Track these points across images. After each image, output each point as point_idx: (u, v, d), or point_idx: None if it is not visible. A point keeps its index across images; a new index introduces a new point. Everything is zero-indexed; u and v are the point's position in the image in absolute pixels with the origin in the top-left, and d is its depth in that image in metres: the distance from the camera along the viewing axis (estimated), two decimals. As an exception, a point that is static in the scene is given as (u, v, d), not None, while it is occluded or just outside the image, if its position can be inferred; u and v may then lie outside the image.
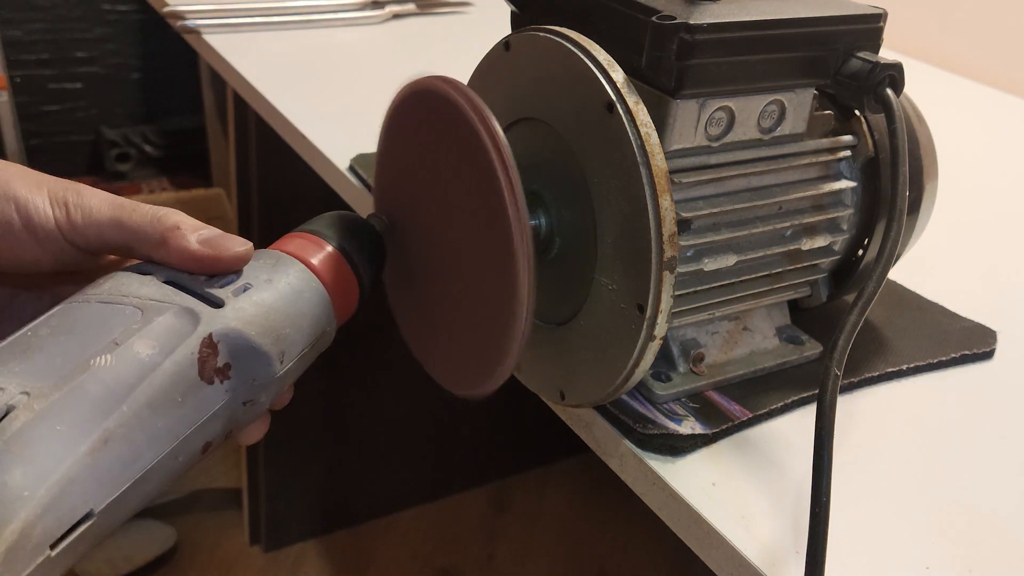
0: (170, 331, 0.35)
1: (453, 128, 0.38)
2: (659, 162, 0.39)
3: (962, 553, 0.41)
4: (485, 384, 0.40)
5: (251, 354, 0.36)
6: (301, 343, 0.38)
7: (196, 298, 0.36)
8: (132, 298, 0.36)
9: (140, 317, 0.35)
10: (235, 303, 0.36)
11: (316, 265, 0.40)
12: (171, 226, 0.37)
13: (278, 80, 0.87)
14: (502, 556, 1.51)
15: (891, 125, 0.44)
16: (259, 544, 1.46)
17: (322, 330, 0.40)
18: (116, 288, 0.36)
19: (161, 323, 0.35)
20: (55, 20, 1.80)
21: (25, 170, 0.39)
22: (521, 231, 0.36)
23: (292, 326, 0.37)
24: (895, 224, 0.43)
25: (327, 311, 0.40)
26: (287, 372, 0.38)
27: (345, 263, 0.41)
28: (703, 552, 0.41)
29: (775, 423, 0.47)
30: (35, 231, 0.38)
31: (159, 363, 0.34)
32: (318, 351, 0.40)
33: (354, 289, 0.42)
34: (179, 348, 0.34)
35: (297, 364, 0.39)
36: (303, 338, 0.38)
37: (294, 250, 0.40)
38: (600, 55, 0.41)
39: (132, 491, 0.33)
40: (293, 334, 0.37)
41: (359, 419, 1.42)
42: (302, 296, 0.38)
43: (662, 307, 0.40)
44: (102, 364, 0.33)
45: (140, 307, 0.35)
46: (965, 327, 0.56)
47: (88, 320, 0.35)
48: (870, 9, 0.46)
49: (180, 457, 0.35)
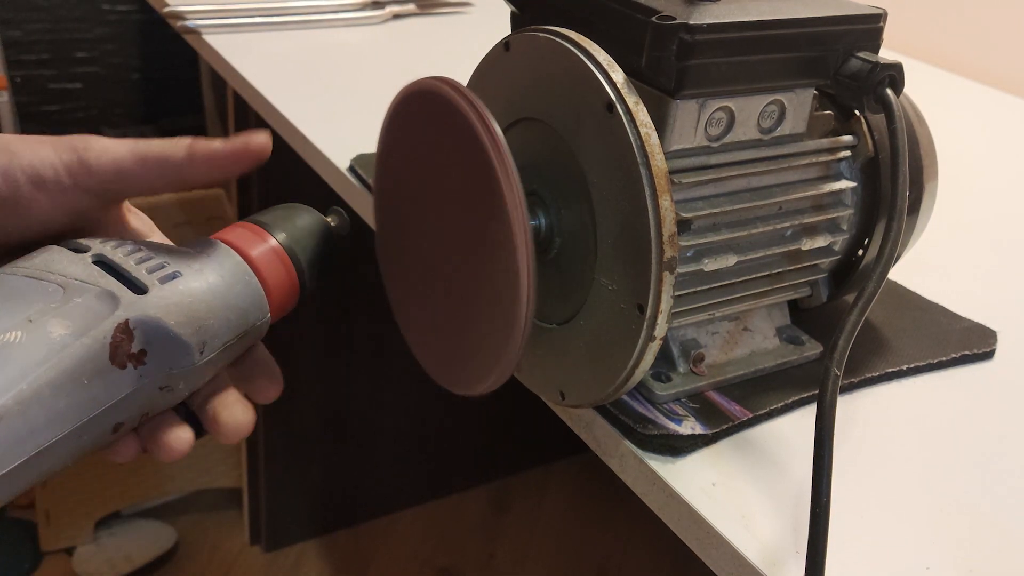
0: (86, 313, 0.35)
1: (453, 129, 0.38)
2: (659, 162, 0.39)
3: (962, 553, 0.41)
4: (485, 384, 0.40)
5: (169, 343, 0.36)
6: (225, 335, 0.38)
7: (121, 281, 0.36)
8: (58, 275, 0.36)
9: (60, 296, 0.35)
10: (159, 290, 0.36)
11: (254, 257, 0.40)
12: (191, 142, 0.38)
13: (278, 80, 0.87)
14: (502, 556, 1.51)
15: (891, 125, 0.44)
16: (259, 544, 1.46)
17: (252, 323, 0.40)
18: (45, 264, 0.36)
19: (79, 304, 0.35)
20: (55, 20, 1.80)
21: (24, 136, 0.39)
22: (521, 231, 0.36)
23: (217, 317, 0.37)
24: (895, 224, 0.43)
25: (259, 305, 0.40)
26: (208, 362, 0.38)
27: (287, 258, 0.41)
28: (703, 552, 0.41)
29: (775, 423, 0.47)
30: (44, 184, 0.37)
31: (68, 344, 0.34)
32: (247, 343, 0.40)
33: (294, 285, 0.42)
34: (92, 331, 0.35)
35: (221, 355, 0.38)
36: (228, 330, 0.38)
37: (234, 240, 0.40)
38: (600, 55, 0.41)
39: (25, 467, 0.33)
40: (217, 325, 0.37)
41: (359, 419, 1.42)
42: (232, 289, 0.38)
43: (662, 307, 0.40)
44: (10, 340, 0.33)
45: (63, 285, 0.35)
46: (965, 327, 0.56)
47: (9, 293, 0.35)
48: (870, 9, 0.46)
49: (85, 436, 0.35)
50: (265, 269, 0.40)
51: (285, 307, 0.42)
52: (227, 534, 1.48)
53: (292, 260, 0.41)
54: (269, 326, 0.41)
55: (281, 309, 0.42)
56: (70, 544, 1.40)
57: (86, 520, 1.41)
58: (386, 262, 0.47)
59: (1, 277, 0.36)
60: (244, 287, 0.39)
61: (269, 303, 0.40)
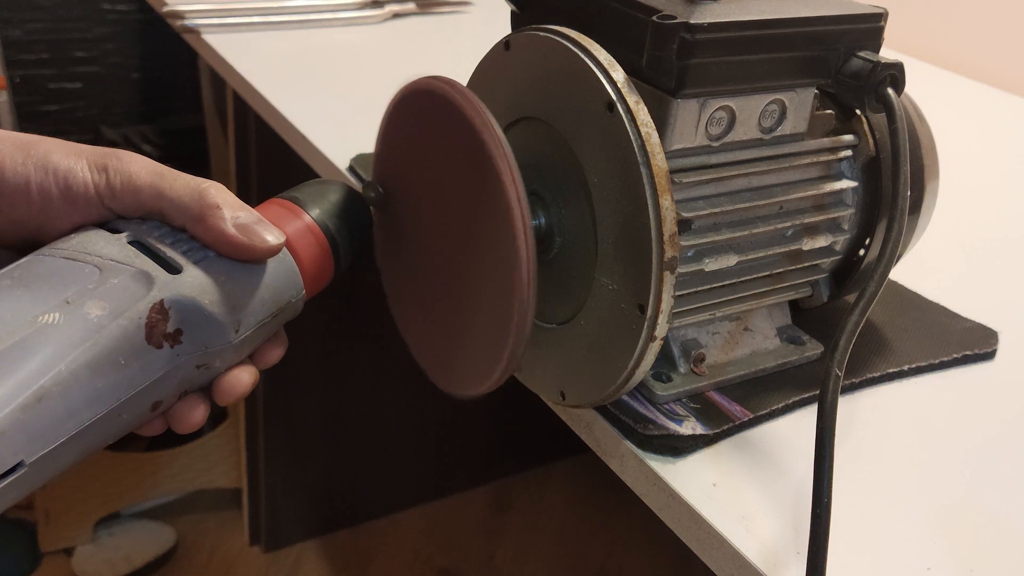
0: (122, 294, 0.35)
1: (453, 128, 0.38)
2: (659, 162, 0.39)
3: (963, 553, 0.41)
4: (485, 384, 0.40)
5: (204, 321, 0.36)
6: (261, 313, 0.38)
7: (156, 262, 0.36)
8: (95, 256, 0.36)
9: (97, 277, 0.35)
10: (193, 270, 0.37)
11: (288, 234, 0.40)
12: (212, 204, 0.37)
13: (278, 80, 0.87)
14: (502, 556, 1.51)
15: (892, 125, 0.44)
16: (259, 544, 1.46)
17: (287, 301, 0.40)
18: (82, 245, 0.37)
19: (115, 285, 0.35)
20: (55, 20, 1.80)
21: (63, 142, 0.40)
22: (522, 231, 0.36)
23: (251, 295, 0.38)
24: (896, 224, 0.43)
25: (293, 282, 0.40)
26: (244, 340, 0.38)
27: (321, 234, 0.41)
28: (703, 553, 0.41)
29: (776, 424, 0.47)
30: (75, 199, 0.38)
31: (105, 325, 0.34)
32: (282, 320, 0.40)
33: (329, 262, 0.42)
34: (127, 312, 0.35)
35: (256, 332, 0.39)
36: (263, 308, 0.38)
37: (268, 216, 0.40)
38: (600, 55, 0.41)
39: (68, 446, 0.34)
40: (252, 303, 0.38)
41: (359, 419, 1.42)
42: (265, 266, 0.38)
43: (663, 307, 0.40)
44: (49, 322, 0.34)
45: (100, 267, 0.36)
46: (966, 327, 0.56)
47: (47, 275, 0.35)
48: (871, 9, 0.46)
49: (124, 415, 0.35)
50: (299, 246, 0.40)
51: (320, 283, 0.42)
52: (227, 534, 1.47)
53: (327, 236, 0.41)
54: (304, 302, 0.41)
55: (316, 285, 0.42)
56: (69, 544, 1.40)
57: (85, 520, 1.40)
58: (386, 262, 0.47)
59: (39, 259, 0.36)
60: (278, 264, 0.39)
61: (304, 280, 0.40)
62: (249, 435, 1.34)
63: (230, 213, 0.37)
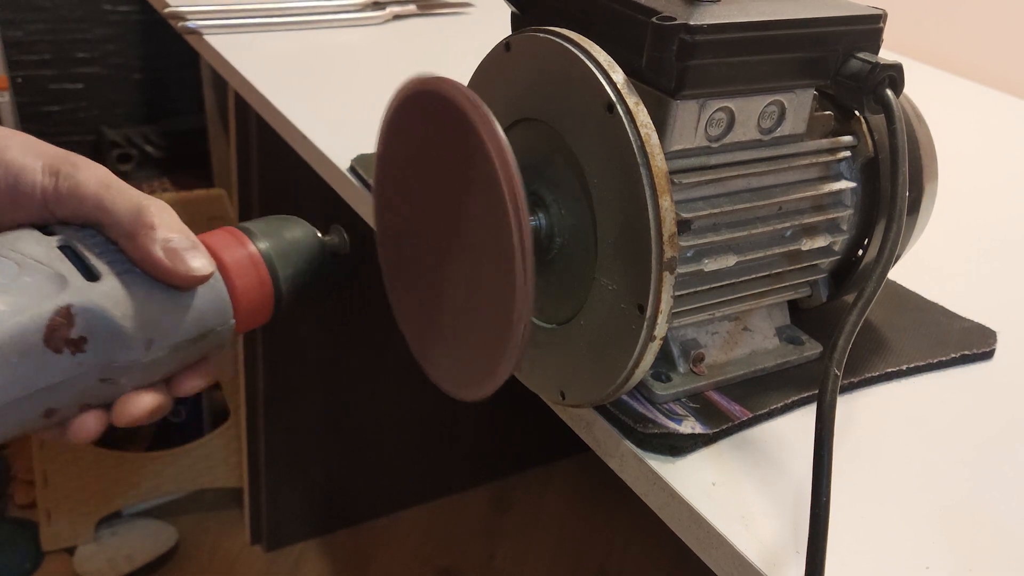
0: (31, 292, 0.34)
1: (453, 129, 0.38)
2: (659, 163, 0.39)
3: (962, 553, 0.41)
4: (485, 385, 0.40)
5: (112, 334, 0.35)
6: (177, 336, 0.37)
7: (78, 267, 0.36)
8: (18, 254, 0.35)
9: (14, 273, 0.35)
10: (111, 280, 0.36)
11: (226, 262, 0.39)
12: (146, 223, 0.37)
13: (279, 81, 0.87)
14: (502, 556, 1.51)
15: (891, 125, 0.44)
16: (260, 544, 1.46)
17: (210, 328, 0.38)
18: (11, 242, 0.36)
19: (27, 283, 0.35)
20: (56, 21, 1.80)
21: (29, 139, 0.39)
22: (521, 231, 0.36)
23: (169, 316, 0.37)
24: (895, 224, 0.43)
25: (221, 311, 0.39)
26: (155, 361, 0.37)
27: (264, 269, 0.40)
28: (703, 552, 0.42)
29: (775, 423, 0.47)
30: (20, 198, 0.38)
31: (3, 321, 0.34)
32: (206, 349, 0.39)
33: (268, 298, 0.40)
34: (30, 310, 0.34)
35: (171, 355, 0.37)
36: (181, 331, 0.37)
37: (210, 242, 0.39)
38: (600, 56, 0.41)
39: None
40: (168, 325, 0.37)
41: (359, 419, 1.42)
42: (194, 291, 0.37)
43: (662, 307, 0.40)
44: None
45: (20, 264, 0.35)
46: (965, 327, 0.56)
47: None
48: (870, 10, 0.46)
49: (11, 417, 0.34)
50: (236, 275, 0.39)
51: (256, 318, 0.41)
52: (228, 534, 1.48)
53: (270, 270, 0.40)
54: (236, 334, 0.40)
55: (250, 318, 0.40)
56: (71, 544, 1.40)
57: (87, 520, 1.41)
58: (387, 262, 0.47)
59: None
60: (207, 291, 0.38)
61: (236, 311, 0.39)
62: (250, 435, 1.35)
63: (163, 235, 0.37)
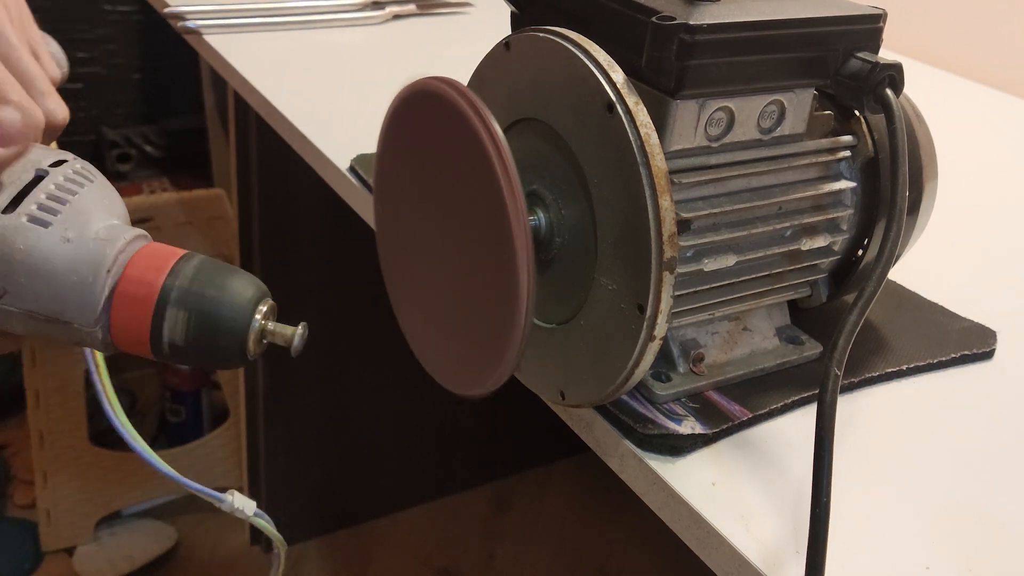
0: None
1: (453, 129, 0.38)
2: (659, 162, 0.39)
3: (962, 553, 0.41)
4: (485, 384, 0.40)
5: None
6: (29, 301, 0.37)
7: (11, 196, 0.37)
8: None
9: None
10: (15, 221, 0.36)
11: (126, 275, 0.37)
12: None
13: (278, 80, 0.87)
14: (502, 556, 1.51)
15: (891, 125, 0.44)
16: (259, 544, 1.46)
17: (69, 320, 0.37)
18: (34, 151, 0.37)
19: None
20: (56, 20, 1.80)
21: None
22: (521, 231, 0.36)
23: (31, 280, 0.36)
24: (895, 224, 0.43)
25: (84, 308, 0.37)
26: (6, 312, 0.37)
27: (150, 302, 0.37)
28: (703, 552, 0.42)
29: (775, 423, 0.47)
30: None
31: None
32: (58, 333, 0.38)
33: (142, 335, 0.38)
34: None
35: (22, 318, 0.37)
36: (33, 299, 0.37)
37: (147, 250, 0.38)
38: (600, 55, 0.41)
39: None
40: (26, 286, 0.37)
41: (359, 419, 1.42)
42: (68, 276, 0.37)
43: (662, 307, 0.40)
44: None
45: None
46: (965, 327, 0.56)
47: None
48: (870, 9, 0.46)
49: None
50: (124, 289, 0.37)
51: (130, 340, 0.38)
52: (227, 534, 1.47)
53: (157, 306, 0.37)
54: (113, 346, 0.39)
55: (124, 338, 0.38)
56: (71, 544, 1.40)
57: (87, 520, 1.41)
58: (387, 262, 0.47)
59: None
60: (80, 283, 0.37)
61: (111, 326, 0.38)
62: (250, 435, 1.35)
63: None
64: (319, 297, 1.29)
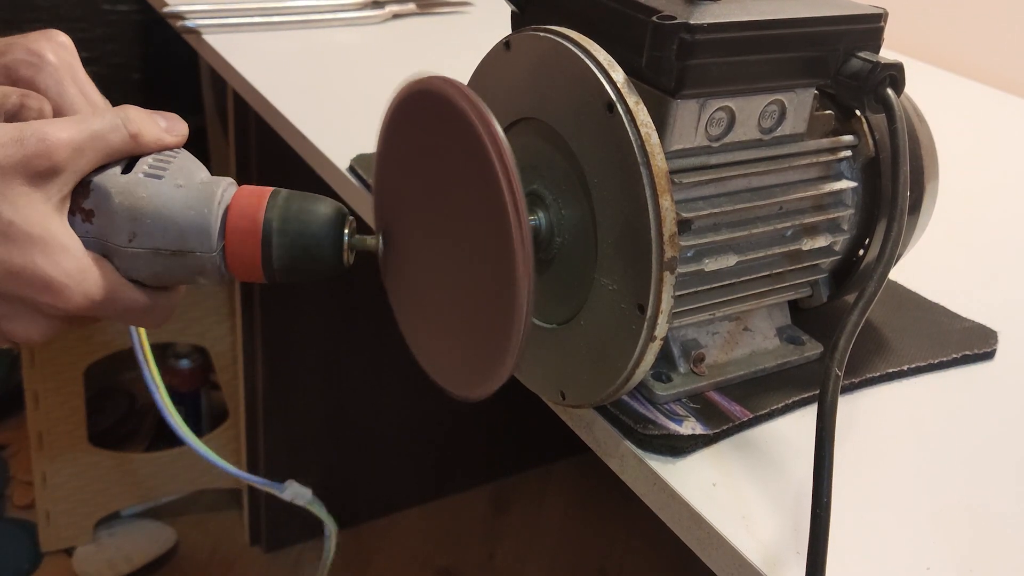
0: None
1: (453, 128, 0.38)
2: (659, 162, 0.39)
3: (963, 553, 0.41)
4: (485, 385, 0.40)
5: (108, 215, 0.42)
6: (157, 240, 0.42)
7: (130, 162, 0.44)
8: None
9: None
10: (134, 178, 0.43)
11: (232, 204, 0.43)
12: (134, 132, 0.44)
13: (278, 80, 0.87)
14: (502, 556, 1.51)
15: (892, 125, 0.44)
16: (259, 544, 1.46)
17: (190, 249, 0.43)
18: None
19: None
20: (55, 20, 1.80)
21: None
22: (521, 231, 0.36)
23: (156, 222, 0.42)
24: (896, 224, 0.43)
25: (202, 235, 0.43)
26: (135, 254, 0.42)
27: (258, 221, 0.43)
28: (703, 552, 0.41)
29: (776, 423, 0.47)
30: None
31: None
32: (185, 267, 0.43)
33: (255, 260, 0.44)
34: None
35: (149, 257, 0.43)
36: (160, 238, 0.42)
37: (244, 191, 0.44)
38: (600, 55, 0.41)
39: None
40: (152, 227, 0.42)
41: (359, 419, 1.42)
42: (185, 212, 0.43)
43: (662, 307, 0.40)
44: None
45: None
46: (966, 327, 0.56)
47: None
48: (871, 9, 0.46)
49: None
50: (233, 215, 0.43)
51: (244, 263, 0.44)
52: (227, 534, 1.47)
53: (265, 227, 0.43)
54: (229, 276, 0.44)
55: (238, 263, 0.44)
56: (70, 544, 1.40)
57: (86, 520, 1.40)
58: (386, 261, 0.47)
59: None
60: (197, 216, 0.43)
61: (226, 250, 0.43)
62: (249, 435, 1.35)
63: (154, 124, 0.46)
64: (319, 297, 1.29)
